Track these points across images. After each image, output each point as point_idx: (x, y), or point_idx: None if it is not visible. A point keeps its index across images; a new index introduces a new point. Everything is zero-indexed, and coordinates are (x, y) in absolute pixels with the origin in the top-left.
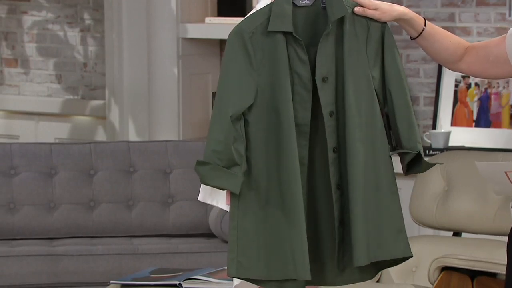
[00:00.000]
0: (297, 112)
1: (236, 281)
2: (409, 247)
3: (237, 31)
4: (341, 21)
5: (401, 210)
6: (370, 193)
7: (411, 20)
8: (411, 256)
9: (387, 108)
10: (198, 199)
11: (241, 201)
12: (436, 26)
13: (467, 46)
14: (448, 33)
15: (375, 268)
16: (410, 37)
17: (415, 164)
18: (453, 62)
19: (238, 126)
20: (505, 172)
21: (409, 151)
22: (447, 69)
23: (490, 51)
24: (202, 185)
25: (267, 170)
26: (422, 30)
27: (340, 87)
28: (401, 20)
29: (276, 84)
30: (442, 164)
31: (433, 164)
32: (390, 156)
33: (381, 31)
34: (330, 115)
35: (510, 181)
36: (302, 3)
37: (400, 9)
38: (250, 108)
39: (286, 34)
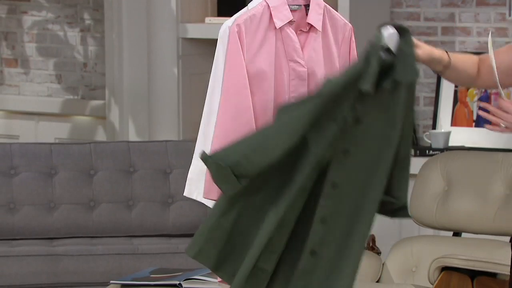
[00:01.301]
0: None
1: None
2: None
3: None
4: None
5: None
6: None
7: (437, 57)
8: None
9: None
10: (184, 194)
11: (234, 203)
12: (455, 54)
13: (477, 60)
14: (464, 55)
15: None
16: (437, 72)
17: (395, 211)
18: (473, 80)
19: None
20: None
21: (395, 202)
22: None
23: (502, 63)
24: (188, 180)
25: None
26: (449, 63)
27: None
28: (426, 56)
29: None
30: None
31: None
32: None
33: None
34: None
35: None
36: None
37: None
38: None
39: None
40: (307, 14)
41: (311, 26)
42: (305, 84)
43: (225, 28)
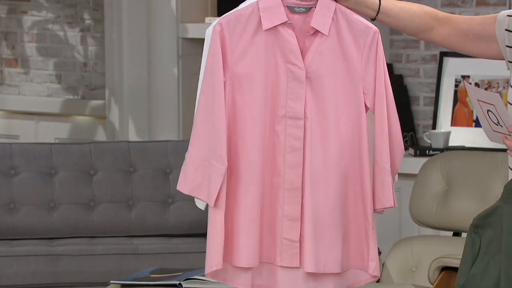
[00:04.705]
0: None
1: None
2: None
3: None
4: None
5: None
6: None
7: (363, 1)
8: None
9: None
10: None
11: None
12: (396, 1)
13: (441, 16)
14: (409, 3)
15: None
16: (371, 18)
17: None
18: (422, 32)
19: None
20: (477, 100)
21: None
22: (447, 69)
23: (471, 29)
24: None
25: None
26: (379, 7)
27: None
28: (352, 3)
29: None
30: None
31: None
32: None
33: None
34: None
35: (482, 111)
36: None
37: None
38: None
39: None
40: None
41: (316, 29)
42: (303, 86)
43: (211, 27)
